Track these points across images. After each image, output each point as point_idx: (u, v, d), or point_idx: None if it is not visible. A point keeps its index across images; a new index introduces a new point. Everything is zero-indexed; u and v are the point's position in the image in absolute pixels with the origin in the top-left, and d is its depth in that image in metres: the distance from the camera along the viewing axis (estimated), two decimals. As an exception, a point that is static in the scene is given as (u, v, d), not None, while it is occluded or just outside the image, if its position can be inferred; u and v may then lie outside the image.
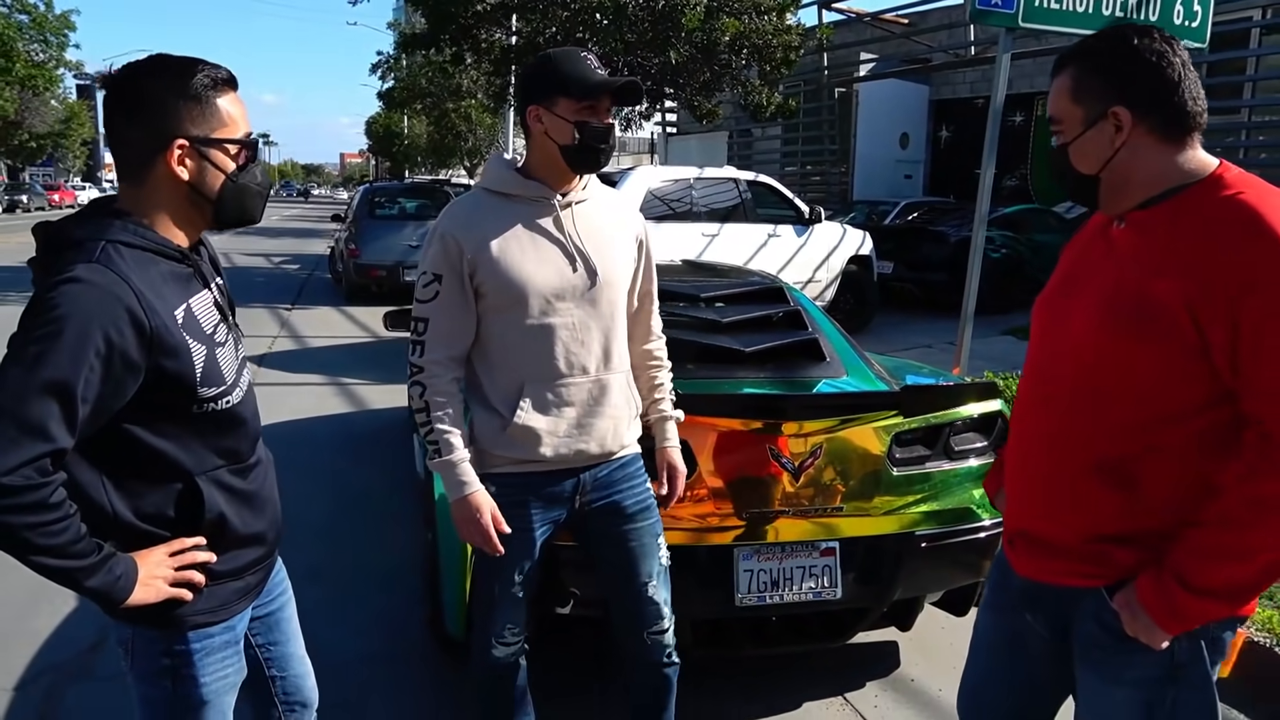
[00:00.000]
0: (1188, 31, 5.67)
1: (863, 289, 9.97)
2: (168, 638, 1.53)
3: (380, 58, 29.37)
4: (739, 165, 16.37)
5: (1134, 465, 1.46)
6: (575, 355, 2.06)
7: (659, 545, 2.24)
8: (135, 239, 1.42)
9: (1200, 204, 1.42)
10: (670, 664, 2.30)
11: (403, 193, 14.61)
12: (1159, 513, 1.47)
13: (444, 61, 14.89)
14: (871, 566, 2.80)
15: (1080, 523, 1.53)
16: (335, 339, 9.69)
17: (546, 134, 2.00)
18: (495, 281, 2.00)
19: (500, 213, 2.04)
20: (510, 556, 2.13)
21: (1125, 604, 1.48)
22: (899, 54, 16.68)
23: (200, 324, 1.47)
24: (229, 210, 1.52)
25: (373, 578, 3.83)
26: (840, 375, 3.07)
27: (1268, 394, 1.34)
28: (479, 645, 2.23)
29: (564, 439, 2.08)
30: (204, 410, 1.48)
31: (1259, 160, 11.96)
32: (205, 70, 1.46)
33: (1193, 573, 1.40)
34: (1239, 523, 1.37)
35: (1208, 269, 1.35)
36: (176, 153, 1.44)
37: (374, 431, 5.98)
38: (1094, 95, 1.48)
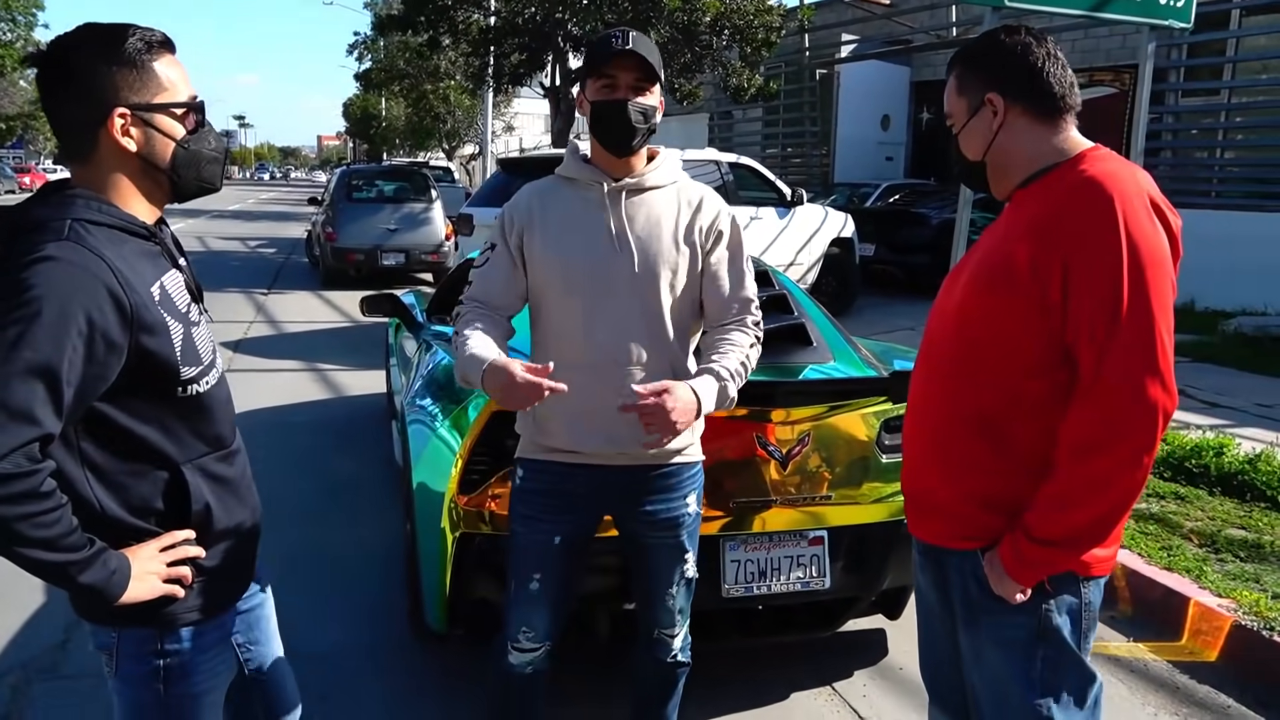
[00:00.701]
0: (1172, 12, 5.64)
1: (845, 272, 9.94)
2: (159, 637, 1.48)
3: (357, 38, 28.96)
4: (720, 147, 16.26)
5: (1002, 420, 1.58)
6: (607, 343, 1.97)
7: (686, 559, 2.14)
8: (101, 216, 1.36)
9: (1062, 177, 1.55)
10: (676, 663, 2.25)
11: (380, 175, 14.40)
12: (1028, 471, 1.56)
13: (421, 44, 14.67)
14: (860, 555, 2.76)
15: (957, 479, 1.64)
16: (312, 324, 9.56)
17: (584, 117, 2.00)
18: (534, 256, 2.00)
19: (557, 195, 2.04)
20: (526, 552, 2.08)
21: (989, 562, 1.61)
22: (880, 35, 16.58)
23: (174, 302, 1.42)
24: (186, 179, 1.46)
25: (353, 567, 3.76)
26: (828, 360, 3.01)
27: (1083, 348, 1.47)
28: (497, 647, 2.19)
29: (587, 429, 1.99)
30: (186, 393, 1.43)
31: (1237, 141, 11.99)
32: (137, 34, 1.38)
33: (1033, 524, 1.52)
34: (1060, 474, 1.49)
35: (1049, 232, 1.49)
36: (119, 123, 1.37)
37: (352, 418, 5.89)
38: (972, 87, 1.65)
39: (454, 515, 2.60)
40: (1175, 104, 12.30)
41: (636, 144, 1.96)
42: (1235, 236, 9.58)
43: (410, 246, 12.33)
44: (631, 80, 1.92)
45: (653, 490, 2.07)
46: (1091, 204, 1.46)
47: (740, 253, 2.07)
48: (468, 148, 34.85)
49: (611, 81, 1.92)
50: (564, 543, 2.07)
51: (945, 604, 1.76)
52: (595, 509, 2.11)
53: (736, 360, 1.95)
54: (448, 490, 2.62)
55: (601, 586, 2.59)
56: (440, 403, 3.11)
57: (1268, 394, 6.53)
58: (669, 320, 2.00)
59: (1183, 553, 3.69)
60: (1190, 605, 3.31)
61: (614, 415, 1.92)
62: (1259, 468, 4.41)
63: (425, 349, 3.82)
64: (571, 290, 1.98)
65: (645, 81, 1.93)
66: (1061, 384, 1.53)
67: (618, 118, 1.92)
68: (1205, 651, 3.21)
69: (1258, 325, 8.02)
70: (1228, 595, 3.31)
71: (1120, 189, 1.47)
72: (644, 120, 1.93)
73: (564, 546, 2.07)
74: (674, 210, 2.02)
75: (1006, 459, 1.60)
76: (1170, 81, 12.05)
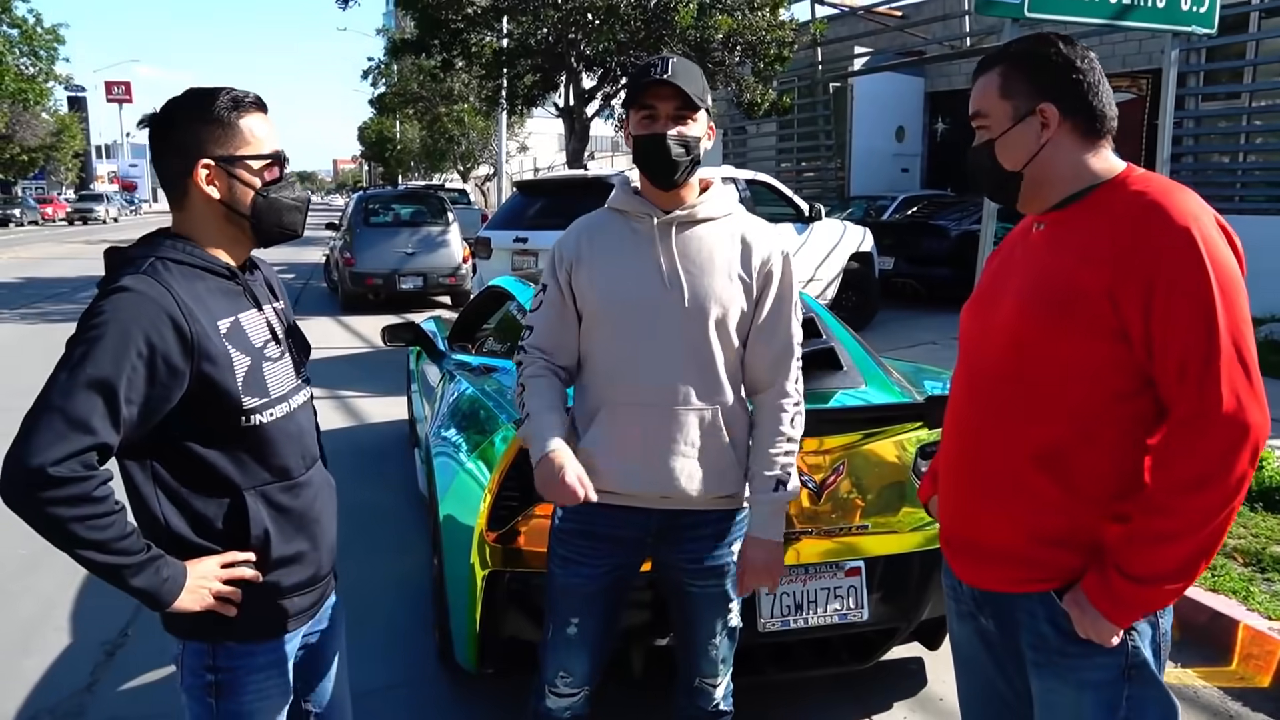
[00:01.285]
0: (1195, 17, 5.57)
1: (865, 286, 9.86)
2: (211, 652, 1.57)
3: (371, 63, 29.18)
4: (734, 163, 16.25)
5: (1068, 454, 1.51)
6: (653, 381, 1.91)
7: (730, 608, 2.08)
8: (183, 256, 1.51)
9: (1113, 199, 1.49)
10: (718, 712, 2.19)
11: (397, 199, 14.46)
12: (1098, 504, 1.51)
13: (434, 67, 14.75)
14: (898, 585, 2.69)
15: (1021, 520, 1.56)
16: (332, 350, 9.57)
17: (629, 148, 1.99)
18: (583, 290, 1.96)
19: (608, 227, 2.00)
20: (565, 592, 2.03)
21: (1074, 603, 1.51)
22: (893, 47, 16.54)
23: (248, 337, 1.54)
24: (266, 225, 1.59)
25: (379, 602, 3.71)
26: (859, 385, 2.95)
27: (1175, 377, 1.41)
28: (535, 690, 2.14)
29: (631, 468, 1.93)
30: (251, 423, 1.53)
31: (1259, 145, 11.85)
32: (228, 93, 1.54)
33: (1130, 561, 1.44)
34: (1164, 508, 1.42)
35: (1124, 257, 1.42)
36: (203, 173, 1.52)
37: (376, 447, 5.86)
38: (1022, 93, 1.55)
39: (483, 552, 2.56)
40: (1195, 108, 12.18)
41: (679, 177, 1.90)
42: (1260, 241, 9.38)
43: (428, 270, 12.36)
44: (671, 110, 1.86)
45: (698, 536, 2.01)
46: (1168, 229, 1.41)
47: (790, 295, 2.00)
48: (482, 169, 35.05)
49: (651, 113, 1.87)
50: (604, 587, 2.01)
51: (1006, 651, 1.67)
52: (638, 552, 2.05)
53: (780, 464, 1.95)
54: (477, 526, 2.58)
55: (634, 622, 2.53)
56: (466, 434, 3.07)
57: (1303, 403, 6.39)
58: (719, 360, 1.94)
59: (1228, 573, 3.59)
60: (1239, 629, 3.21)
61: (662, 457, 1.90)
62: (1301, 481, 4.30)
63: (448, 379, 3.79)
64: (620, 327, 1.93)
65: (685, 110, 1.87)
66: (1136, 412, 1.48)
67: (657, 151, 1.87)
68: (1257, 677, 3.11)
69: (1289, 332, 7.88)
70: (1278, 617, 3.21)
71: (1192, 212, 1.42)
72: (685, 153, 1.87)
73: (604, 590, 2.02)
74: (726, 245, 1.95)
75: (1075, 493, 1.52)
76: (1190, 86, 11.94)
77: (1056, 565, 1.55)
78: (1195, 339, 1.39)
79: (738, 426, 1.98)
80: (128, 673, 3.17)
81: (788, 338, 1.99)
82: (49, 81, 32.11)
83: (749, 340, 1.98)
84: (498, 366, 3.55)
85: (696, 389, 1.92)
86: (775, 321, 1.98)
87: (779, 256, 1.99)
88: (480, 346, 4.15)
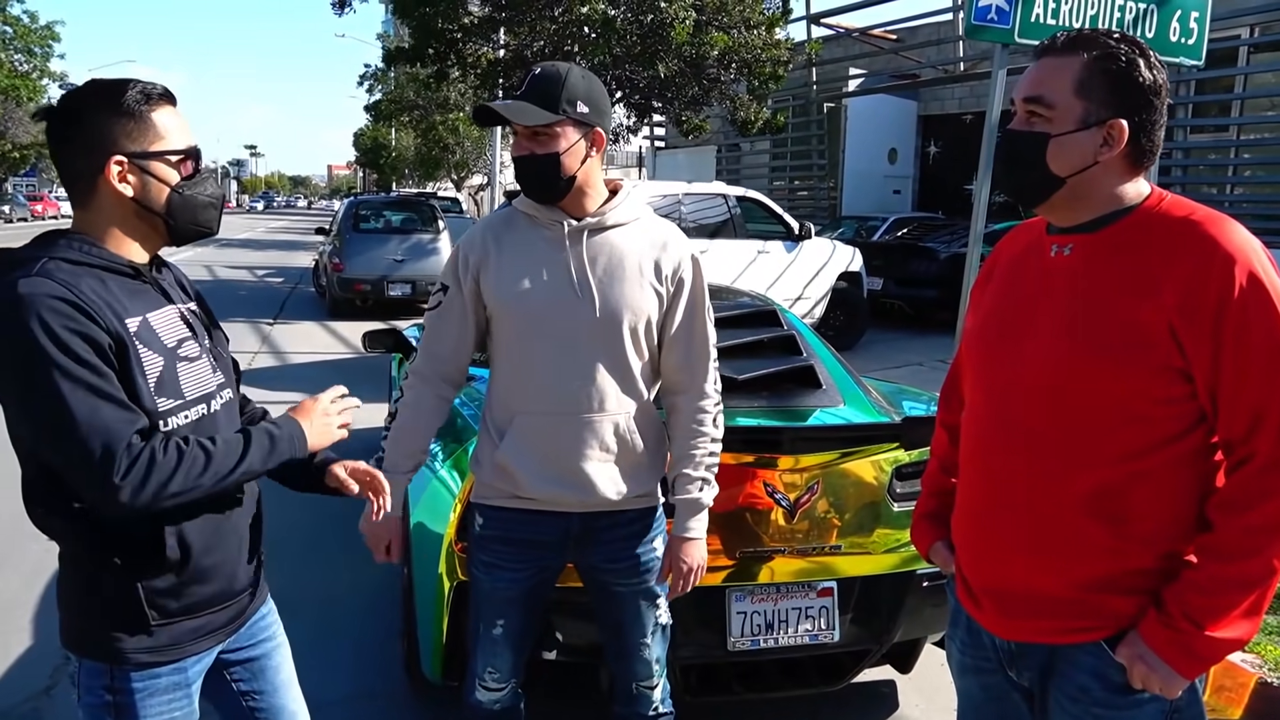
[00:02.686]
0: (1184, 49, 5.62)
1: (853, 306, 9.88)
2: (110, 673, 1.49)
3: (368, 70, 29.21)
4: (727, 180, 16.30)
5: (1121, 496, 1.42)
6: (566, 388, 1.92)
7: (658, 605, 2.10)
8: (80, 256, 1.42)
9: (1157, 227, 1.41)
10: (658, 715, 2.19)
11: (388, 205, 14.45)
12: (1150, 546, 1.42)
13: (428, 77, 14.76)
14: (871, 607, 2.66)
15: (1071, 567, 1.46)
16: (318, 355, 9.52)
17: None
18: (490, 294, 1.94)
19: (515, 231, 1.97)
20: (489, 596, 2.05)
21: (1135, 656, 1.41)
22: (887, 69, 16.65)
23: (159, 336, 1.46)
24: (181, 222, 1.51)
25: (349, 610, 3.66)
26: (838, 404, 2.93)
27: (1247, 416, 1.33)
28: (466, 684, 2.16)
29: (548, 477, 1.95)
30: (167, 427, 1.44)
31: (1245, 178, 11.96)
32: (138, 87, 1.46)
33: (1203, 611, 1.36)
34: (1240, 552, 1.34)
35: (1187, 290, 1.33)
36: (115, 169, 1.44)
37: (355, 453, 5.79)
38: (1100, 99, 1.41)
39: (452, 562, 2.52)
40: (1184, 140, 12.29)
41: (549, 195, 1.90)
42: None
43: (417, 277, 12.32)
44: (524, 130, 1.86)
45: (617, 536, 2.03)
46: (1229, 263, 1.33)
47: (702, 302, 2.01)
48: (476, 178, 35.09)
49: (518, 134, 1.89)
50: (525, 590, 2.04)
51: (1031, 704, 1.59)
52: (557, 555, 2.06)
53: (705, 464, 2.03)
54: (446, 535, 2.54)
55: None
56: (440, 442, 3.04)
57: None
58: (633, 364, 1.95)
59: (1203, 602, 3.58)
60: (1213, 659, 3.19)
61: (578, 463, 1.92)
62: None
63: (426, 386, 3.75)
64: (531, 334, 1.92)
65: (541, 129, 1.83)
66: (1188, 451, 1.41)
67: (524, 171, 1.89)
68: (1229, 709, 3.09)
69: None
70: (1252, 650, 3.20)
71: (1251, 244, 1.35)
72: (546, 170, 1.85)
73: (526, 593, 2.04)
74: (638, 250, 1.95)
75: (1127, 537, 1.43)
76: (1179, 118, 12.04)
77: (1108, 612, 1.45)
78: (1274, 383, 1.32)
79: (652, 430, 2.02)
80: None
81: (704, 340, 2.02)
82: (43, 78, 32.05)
83: (666, 345, 2.00)
84: (475, 375, 3.52)
85: (610, 395, 1.93)
86: (690, 324, 2.00)
87: (689, 260, 2.00)
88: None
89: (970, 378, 1.65)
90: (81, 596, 1.51)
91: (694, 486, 2.02)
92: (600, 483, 1.95)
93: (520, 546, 2.01)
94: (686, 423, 2.03)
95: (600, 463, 1.95)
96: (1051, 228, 1.53)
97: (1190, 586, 1.37)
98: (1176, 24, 5.42)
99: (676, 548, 2.02)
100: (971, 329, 1.66)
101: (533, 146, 1.86)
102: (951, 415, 1.77)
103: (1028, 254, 1.56)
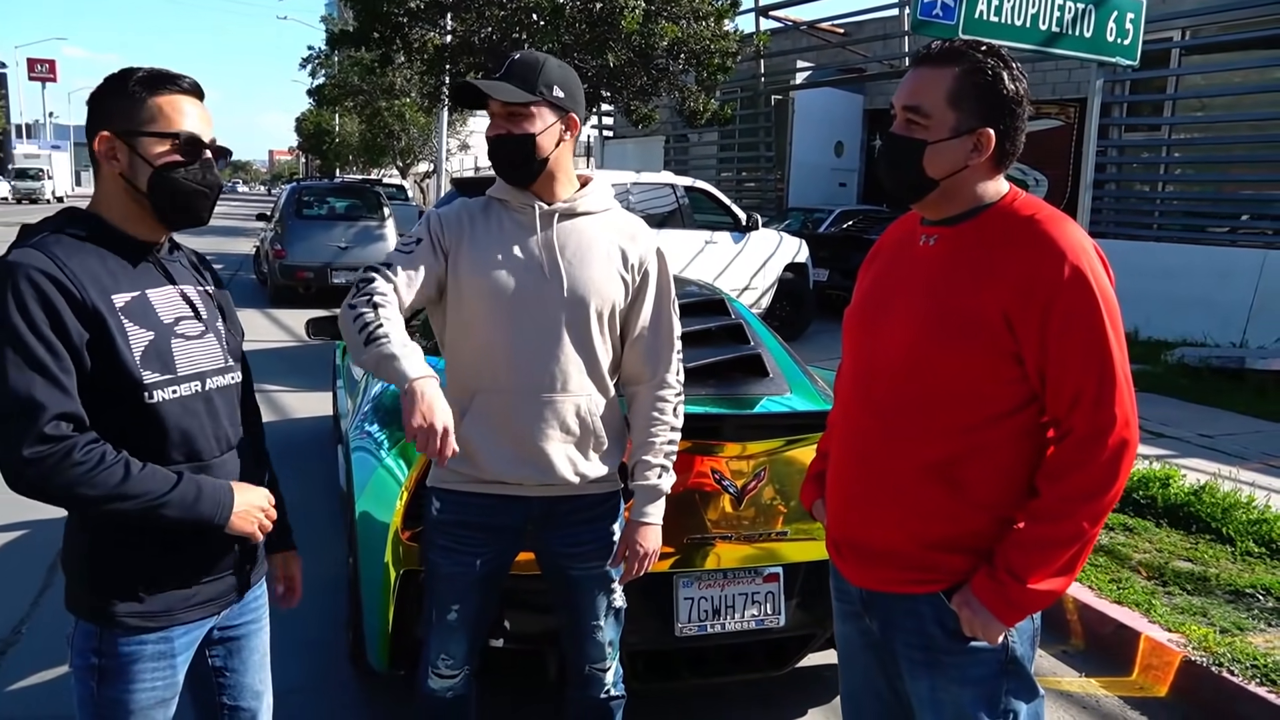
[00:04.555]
0: (1119, 49, 5.77)
1: (799, 297, 9.99)
2: (99, 635, 1.54)
3: (311, 52, 28.64)
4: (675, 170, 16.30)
5: (960, 466, 1.57)
6: (529, 369, 1.93)
7: (613, 589, 2.12)
8: (81, 230, 1.51)
9: (1004, 222, 1.56)
10: (610, 698, 2.21)
11: (332, 192, 14.19)
12: (986, 511, 1.58)
13: (372, 61, 14.51)
14: (816, 592, 2.70)
15: (916, 526, 1.61)
16: (258, 343, 9.34)
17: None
18: (461, 274, 1.94)
19: (489, 215, 1.99)
20: (445, 582, 2.05)
21: (964, 603, 1.57)
22: (834, 63, 16.81)
23: (155, 312, 1.52)
24: (163, 205, 1.54)
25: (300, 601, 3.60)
26: (784, 392, 2.97)
27: (1069, 396, 1.50)
28: (419, 673, 2.15)
29: (506, 458, 1.96)
30: (154, 400, 1.50)
31: (1177, 176, 12.34)
32: (149, 71, 1.54)
33: (1023, 566, 1.52)
34: (1059, 515, 1.51)
35: (1021, 282, 1.49)
36: (103, 145, 1.51)
37: (295, 442, 5.73)
38: (970, 109, 1.55)
39: (398, 550, 2.50)
40: (1119, 138, 12.63)
41: (520, 176, 1.94)
42: (1176, 268, 9.82)
43: (362, 264, 12.06)
44: (500, 110, 1.89)
45: (575, 521, 2.05)
46: (1061, 261, 1.49)
47: (668, 294, 2.07)
48: (422, 165, 34.60)
49: (493, 116, 1.92)
50: (483, 574, 2.04)
51: (888, 651, 1.73)
52: (516, 539, 2.07)
53: (664, 452, 2.05)
54: (392, 523, 2.52)
55: (550, 627, 2.50)
56: (387, 430, 3.01)
57: (1210, 424, 6.66)
58: (597, 347, 1.98)
59: (1132, 585, 3.71)
60: (1141, 640, 3.31)
61: (539, 444, 1.94)
62: (1203, 499, 4.47)
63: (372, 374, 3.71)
64: (498, 315, 1.93)
65: (516, 108, 1.87)
66: (1022, 425, 1.57)
67: (497, 151, 1.92)
68: (1156, 687, 3.22)
69: (1200, 356, 8.20)
70: (1177, 630, 3.32)
71: (1081, 245, 1.52)
72: (519, 149, 1.89)
73: (483, 578, 2.04)
74: (606, 238, 2.00)
75: (964, 501, 1.59)
76: (1114, 116, 12.37)
77: (945, 568, 1.61)
78: (1090, 368, 1.49)
79: (613, 415, 2.05)
80: (19, 672, 3.03)
81: (669, 330, 2.06)
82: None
83: (631, 334, 2.03)
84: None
85: (572, 377, 1.95)
86: (657, 315, 2.04)
87: (654, 252, 2.05)
88: (407, 343, 4.08)
89: (845, 349, 1.81)
90: (78, 560, 1.56)
91: (653, 473, 2.05)
92: (559, 464, 1.96)
93: (479, 530, 2.01)
94: (648, 410, 2.05)
95: (560, 443, 1.97)
96: (925, 219, 1.68)
97: (1013, 544, 1.54)
98: (1113, 24, 5.56)
99: (633, 532, 2.05)
100: (850, 305, 1.81)
101: (509, 126, 1.89)
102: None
103: (903, 242, 1.72)
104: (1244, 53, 11.36)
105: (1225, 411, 7.06)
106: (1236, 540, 4.19)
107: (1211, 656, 3.12)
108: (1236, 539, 4.20)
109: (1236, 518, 4.31)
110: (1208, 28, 11.53)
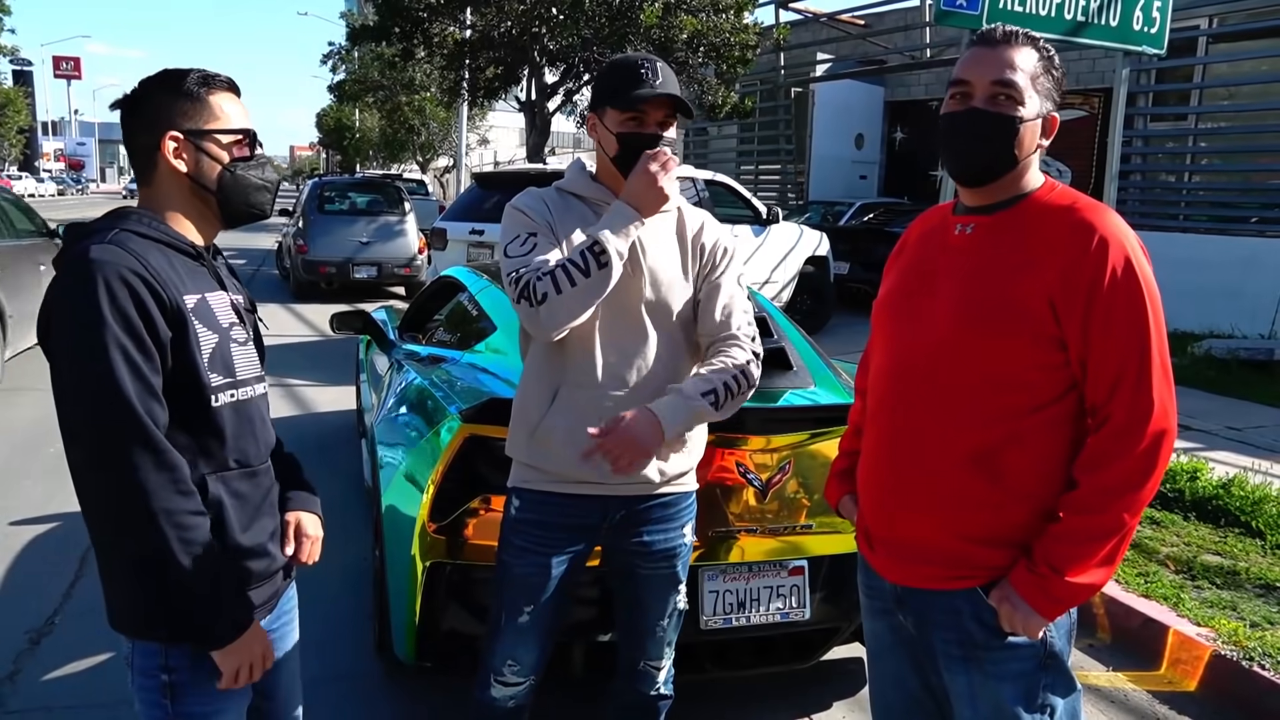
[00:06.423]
0: (1146, 38, 5.70)
1: (820, 290, 9.95)
2: (165, 652, 1.51)
3: (331, 48, 28.74)
4: (694, 163, 16.29)
5: (1000, 455, 1.56)
6: (614, 365, 1.93)
7: (680, 591, 2.12)
8: (148, 230, 1.50)
9: (1045, 212, 1.57)
10: (660, 696, 2.21)
11: (353, 187, 14.24)
12: (1025, 502, 1.57)
13: (393, 55, 14.56)
14: (840, 585, 2.70)
15: (950, 519, 1.60)
16: (281, 338, 9.40)
17: (599, 143, 1.98)
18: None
19: (568, 207, 2.00)
20: (519, 583, 2.01)
21: (1003, 598, 1.56)
22: (855, 55, 16.70)
23: (215, 315, 1.53)
24: (232, 202, 1.57)
25: (319, 593, 3.63)
26: (808, 385, 2.96)
27: (1109, 380, 1.49)
28: (479, 679, 2.10)
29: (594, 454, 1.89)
30: (218, 403, 1.51)
31: (1204, 166, 12.17)
32: (198, 72, 1.55)
33: (1061, 558, 1.51)
34: (1098, 508, 1.50)
35: (1068, 268, 1.49)
36: (171, 145, 1.52)
37: (320, 436, 5.77)
38: (1044, 93, 1.58)
39: (425, 543, 2.52)
40: (1144, 128, 12.47)
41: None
42: (1203, 259, 9.71)
43: (383, 259, 12.20)
44: (661, 116, 1.92)
45: (651, 520, 2.03)
46: (1106, 247, 1.50)
47: (735, 273, 2.08)
48: (442, 160, 34.72)
49: (639, 116, 1.91)
50: (558, 575, 2.01)
51: (922, 647, 1.71)
52: (590, 540, 2.05)
53: (720, 380, 1.88)
54: (419, 517, 2.54)
55: (581, 619, 2.51)
56: (412, 425, 3.03)
57: (1238, 417, 6.58)
58: (679, 341, 1.98)
59: (1160, 580, 3.67)
60: (1169, 634, 3.29)
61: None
62: (1232, 492, 4.43)
63: (397, 368, 3.73)
64: None
65: (672, 117, 1.93)
66: (1062, 414, 1.56)
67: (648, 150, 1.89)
68: (1184, 681, 3.19)
69: (1228, 348, 8.10)
70: (1206, 624, 3.29)
71: (1127, 232, 1.52)
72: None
73: (557, 579, 2.01)
74: (678, 233, 2.02)
75: (1005, 492, 1.58)
76: (1140, 106, 12.22)
77: (983, 563, 1.60)
78: (1131, 353, 1.49)
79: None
80: (54, 662, 3.07)
81: (743, 306, 2.03)
82: (-5, 53, 31.19)
83: (701, 307, 2.01)
84: (446, 357, 3.50)
85: (657, 372, 1.94)
86: (728, 290, 2.02)
87: (725, 243, 2.07)
88: (430, 337, 4.10)
89: (877, 342, 1.78)
90: (132, 578, 1.50)
91: (699, 390, 1.86)
92: (646, 463, 1.92)
93: (558, 530, 1.99)
94: (722, 349, 1.95)
95: None
96: (959, 208, 1.68)
97: (1052, 537, 1.53)
98: (1140, 12, 5.50)
99: (637, 413, 1.80)
100: (881, 297, 1.79)
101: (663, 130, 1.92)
102: (866, 381, 1.89)
103: (934, 232, 1.72)
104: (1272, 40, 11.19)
105: (1254, 404, 6.98)
106: (1266, 534, 4.14)
107: (1241, 650, 3.09)
108: (1266, 532, 4.15)
109: (1266, 511, 4.27)
110: (1235, 15, 11.35)
